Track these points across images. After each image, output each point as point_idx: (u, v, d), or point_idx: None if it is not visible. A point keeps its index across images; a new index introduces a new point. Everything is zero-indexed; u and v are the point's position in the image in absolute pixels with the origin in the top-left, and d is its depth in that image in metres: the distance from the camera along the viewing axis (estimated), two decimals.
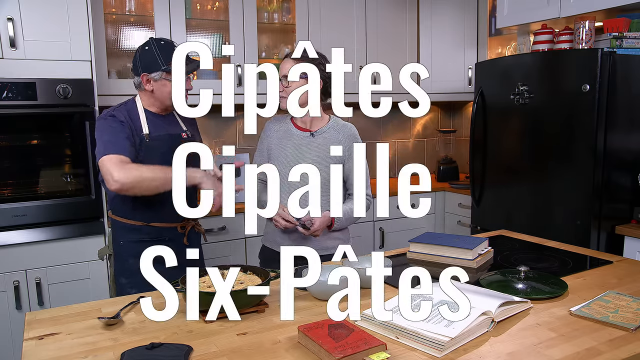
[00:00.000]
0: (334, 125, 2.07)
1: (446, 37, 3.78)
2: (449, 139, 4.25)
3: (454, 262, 1.80)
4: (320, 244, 2.00)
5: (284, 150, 2.02)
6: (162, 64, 1.81)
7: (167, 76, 1.81)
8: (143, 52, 1.84)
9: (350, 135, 2.07)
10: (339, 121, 2.11)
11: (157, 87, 1.84)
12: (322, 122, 2.07)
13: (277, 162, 2.01)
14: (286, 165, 1.98)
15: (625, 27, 2.64)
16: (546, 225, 2.72)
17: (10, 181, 2.50)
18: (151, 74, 1.83)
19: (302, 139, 2.02)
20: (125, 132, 1.79)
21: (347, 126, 2.09)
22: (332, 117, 2.10)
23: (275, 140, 2.05)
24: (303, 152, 2.00)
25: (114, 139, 1.76)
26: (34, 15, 2.46)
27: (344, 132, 2.06)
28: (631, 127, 2.59)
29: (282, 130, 2.06)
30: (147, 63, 1.83)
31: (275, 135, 2.07)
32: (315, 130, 2.04)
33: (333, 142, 2.03)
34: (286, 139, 2.03)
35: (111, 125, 1.80)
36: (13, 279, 2.47)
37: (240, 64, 3.18)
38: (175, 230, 1.92)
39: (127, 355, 1.13)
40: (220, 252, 2.93)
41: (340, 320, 1.20)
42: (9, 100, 2.39)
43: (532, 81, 2.76)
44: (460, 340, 1.17)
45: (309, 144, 2.01)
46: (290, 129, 2.05)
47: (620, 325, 1.26)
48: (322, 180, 1.98)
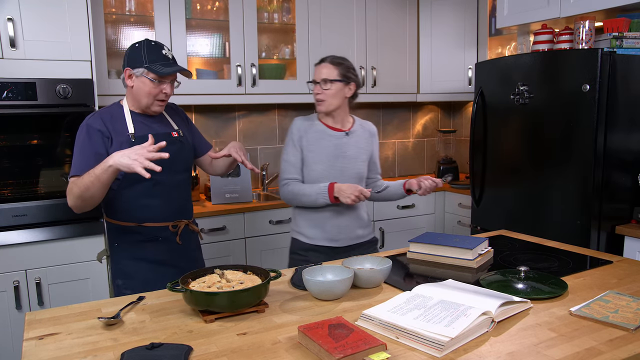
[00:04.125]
0: (359, 125, 2.28)
1: (446, 37, 3.78)
2: (449, 139, 4.25)
3: (454, 262, 1.81)
4: (351, 233, 2.22)
5: (325, 149, 2.18)
6: (145, 61, 1.80)
7: (147, 74, 1.80)
8: (132, 49, 1.85)
9: (373, 132, 2.33)
10: (361, 120, 2.32)
11: (137, 84, 1.83)
12: (350, 122, 2.27)
13: (318, 161, 2.17)
14: (328, 164, 2.17)
15: (625, 27, 2.64)
16: (546, 225, 2.72)
17: (10, 181, 2.50)
18: (134, 70, 1.82)
19: (339, 139, 2.20)
20: (94, 146, 1.78)
21: (368, 124, 2.33)
22: (354, 117, 2.30)
23: (312, 139, 2.19)
24: (343, 151, 2.19)
25: (80, 158, 1.77)
26: (34, 15, 2.46)
27: (369, 130, 2.31)
28: (631, 127, 2.59)
29: (317, 130, 2.20)
30: (132, 58, 1.83)
31: (311, 135, 2.19)
32: (347, 130, 2.23)
33: (363, 140, 2.26)
34: (324, 139, 2.19)
35: (83, 140, 1.80)
36: (13, 279, 2.47)
37: (240, 64, 3.18)
38: (167, 230, 1.91)
39: (127, 355, 1.13)
40: (220, 252, 2.93)
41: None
42: (9, 100, 2.40)
43: (532, 81, 2.76)
44: (460, 340, 1.17)
45: (346, 143, 2.21)
46: (325, 130, 2.20)
47: (620, 325, 1.26)
48: (362, 174, 2.24)
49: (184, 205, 1.98)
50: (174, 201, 1.92)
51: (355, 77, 2.17)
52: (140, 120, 1.88)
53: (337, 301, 1.48)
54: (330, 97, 2.13)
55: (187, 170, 2.01)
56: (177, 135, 1.94)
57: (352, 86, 2.16)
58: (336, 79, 2.12)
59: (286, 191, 2.18)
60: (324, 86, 2.12)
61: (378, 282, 1.58)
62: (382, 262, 1.62)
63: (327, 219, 2.18)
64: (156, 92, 1.82)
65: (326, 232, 2.19)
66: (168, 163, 1.77)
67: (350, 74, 2.15)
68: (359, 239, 2.25)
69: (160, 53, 1.82)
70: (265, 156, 3.69)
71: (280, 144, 3.74)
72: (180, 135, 1.95)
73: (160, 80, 1.81)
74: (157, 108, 1.87)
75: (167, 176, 1.85)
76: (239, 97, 3.22)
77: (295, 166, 2.19)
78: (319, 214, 2.18)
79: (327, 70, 2.13)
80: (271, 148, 3.71)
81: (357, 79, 2.18)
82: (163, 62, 1.81)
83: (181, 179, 1.96)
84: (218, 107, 3.48)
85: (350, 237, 2.22)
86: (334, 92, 2.13)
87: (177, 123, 2.00)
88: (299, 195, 2.14)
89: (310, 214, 2.20)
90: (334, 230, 2.18)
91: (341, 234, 2.19)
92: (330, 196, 2.08)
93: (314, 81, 2.16)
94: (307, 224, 2.22)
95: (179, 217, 1.94)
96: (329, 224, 2.18)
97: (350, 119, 2.27)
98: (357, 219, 2.23)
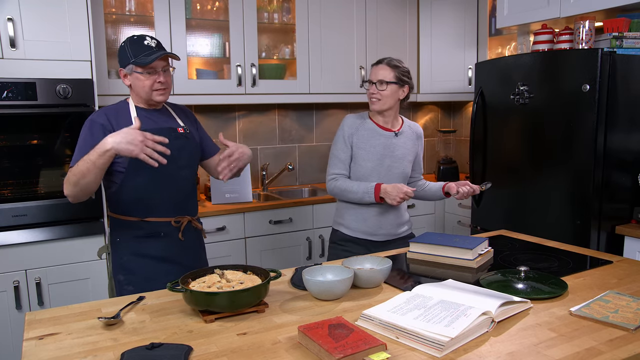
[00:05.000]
0: (408, 126, 2.37)
1: (446, 37, 3.78)
2: (449, 139, 4.25)
3: (454, 262, 1.81)
4: (391, 229, 2.31)
5: (375, 148, 2.26)
6: (130, 57, 1.81)
7: (136, 69, 1.81)
8: (119, 49, 1.87)
9: (419, 133, 2.41)
10: (409, 121, 2.41)
11: (132, 81, 1.85)
12: (399, 123, 2.36)
13: (368, 158, 2.25)
14: (377, 162, 2.25)
15: (625, 27, 2.63)
16: (546, 225, 2.72)
17: (10, 181, 2.50)
18: (125, 69, 1.84)
19: (388, 139, 2.28)
20: (95, 141, 1.76)
21: (416, 125, 2.42)
22: (403, 118, 2.39)
23: (363, 137, 2.27)
24: (391, 150, 2.28)
25: (79, 152, 1.78)
26: (34, 15, 2.46)
27: (416, 131, 2.40)
28: (631, 127, 2.59)
29: (368, 128, 2.28)
30: (121, 58, 1.85)
31: (362, 132, 2.27)
32: (397, 130, 2.31)
33: (410, 141, 2.35)
34: (375, 138, 2.27)
35: (85, 135, 1.81)
36: (13, 279, 2.47)
37: (240, 64, 3.18)
38: (170, 225, 1.90)
39: (127, 355, 1.13)
40: (220, 252, 2.93)
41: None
42: (9, 100, 2.40)
43: (532, 81, 2.76)
44: (460, 340, 1.18)
45: (395, 143, 2.29)
46: (376, 129, 2.29)
47: (620, 325, 1.26)
48: (407, 173, 2.34)
49: (187, 201, 1.97)
50: (176, 196, 1.91)
51: (410, 81, 2.26)
52: (145, 115, 1.88)
53: (337, 301, 1.48)
54: (384, 97, 2.21)
55: (191, 167, 1.99)
56: (182, 131, 1.94)
57: (405, 89, 2.25)
58: (392, 81, 2.21)
59: (333, 186, 2.27)
60: (380, 87, 2.21)
61: (378, 282, 1.58)
62: (382, 262, 1.62)
63: (370, 214, 2.27)
64: (150, 84, 1.82)
65: (368, 227, 2.28)
66: (172, 157, 1.78)
67: (405, 77, 2.24)
68: (397, 235, 2.34)
69: (143, 44, 1.82)
70: (265, 156, 3.69)
71: (280, 144, 3.74)
72: (186, 132, 1.95)
73: (150, 71, 1.81)
74: (160, 97, 1.86)
75: (171, 170, 1.85)
76: (239, 97, 3.22)
77: (344, 162, 2.28)
78: (364, 209, 2.27)
79: (384, 72, 2.21)
80: (271, 148, 3.71)
81: (411, 82, 2.27)
82: (147, 52, 1.81)
83: (185, 174, 1.95)
84: (218, 107, 3.48)
85: (389, 233, 2.31)
86: (388, 93, 2.21)
87: (184, 122, 2.00)
88: (345, 192, 2.23)
89: (355, 208, 2.29)
90: (375, 226, 2.28)
91: (382, 229, 2.29)
92: (376, 196, 2.17)
93: (370, 81, 2.24)
94: (351, 217, 2.30)
95: (182, 213, 1.93)
96: (372, 219, 2.28)
97: (399, 120, 2.36)
98: (398, 217, 2.33)
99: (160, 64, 1.83)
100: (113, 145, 1.61)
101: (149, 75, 1.81)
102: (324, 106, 3.85)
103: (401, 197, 2.12)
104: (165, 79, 1.85)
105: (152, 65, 1.80)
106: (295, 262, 3.15)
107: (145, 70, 1.80)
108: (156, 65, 1.82)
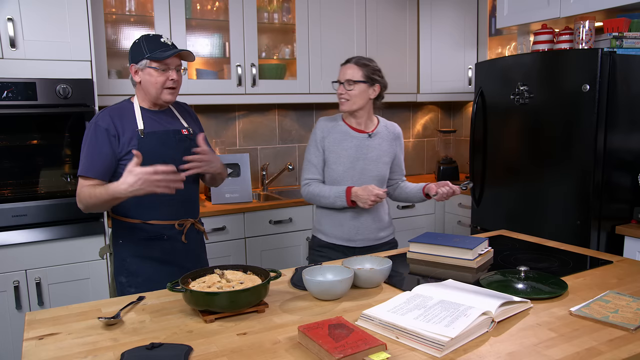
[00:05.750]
0: (383, 126, 2.28)
1: (446, 37, 3.78)
2: (449, 139, 4.25)
3: (454, 262, 1.81)
4: (369, 234, 2.22)
5: (346, 151, 2.19)
6: (146, 52, 1.81)
7: (150, 64, 1.81)
8: (133, 45, 1.86)
9: (397, 133, 2.32)
10: (386, 121, 2.33)
11: (143, 77, 1.84)
12: (374, 124, 2.27)
13: (339, 162, 2.18)
14: (349, 165, 2.18)
15: (625, 27, 2.64)
16: (546, 225, 2.72)
17: (10, 181, 2.50)
18: (137, 64, 1.83)
19: (361, 140, 2.20)
20: (100, 146, 1.79)
21: (394, 125, 2.33)
22: (379, 118, 2.31)
23: (334, 140, 2.20)
24: (364, 152, 2.20)
25: (89, 158, 1.79)
26: (34, 15, 2.46)
27: (393, 131, 2.30)
28: (631, 127, 2.59)
29: (339, 131, 2.22)
30: (134, 54, 1.85)
31: (333, 135, 2.21)
32: (370, 131, 2.23)
33: (386, 142, 2.25)
34: (346, 141, 2.20)
35: (90, 139, 1.81)
36: (13, 279, 2.47)
37: (240, 64, 3.18)
38: (173, 228, 1.90)
39: (127, 355, 1.13)
40: (220, 252, 2.93)
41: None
42: (9, 100, 2.40)
43: (532, 81, 2.76)
44: (460, 340, 1.18)
45: (368, 145, 2.21)
46: (348, 131, 2.21)
47: (620, 325, 1.26)
48: (382, 176, 2.24)
49: (190, 204, 1.97)
50: (180, 199, 1.91)
51: (381, 79, 2.18)
52: (149, 116, 1.88)
53: (337, 301, 1.48)
54: (353, 97, 2.14)
55: None
56: (186, 132, 1.93)
57: (376, 88, 2.17)
58: (360, 80, 2.13)
59: (307, 191, 2.22)
60: (348, 87, 2.14)
61: (378, 282, 1.58)
62: (382, 262, 1.62)
63: (346, 219, 2.20)
64: (163, 80, 1.82)
65: (344, 233, 2.21)
66: (176, 160, 1.77)
67: (376, 76, 2.16)
68: (377, 240, 2.25)
69: (159, 41, 1.83)
70: (265, 156, 3.69)
71: (280, 144, 3.74)
72: (190, 133, 1.94)
73: (164, 67, 1.81)
74: (169, 97, 1.86)
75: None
76: (239, 97, 3.22)
77: (316, 166, 2.22)
78: (339, 214, 2.21)
79: (351, 71, 2.14)
80: (271, 148, 3.71)
81: (383, 81, 2.19)
82: (163, 49, 1.82)
83: (189, 178, 1.92)
84: (218, 107, 3.48)
85: (368, 239, 2.22)
86: (357, 92, 2.14)
87: (187, 121, 1.99)
88: (318, 197, 2.18)
89: (330, 213, 2.23)
90: (352, 231, 2.20)
91: (359, 235, 2.21)
92: (348, 200, 2.10)
93: (339, 81, 2.17)
94: (327, 223, 2.24)
95: (185, 215, 1.94)
96: (348, 224, 2.20)
97: (374, 120, 2.28)
98: (376, 221, 2.24)
99: (174, 61, 1.84)
100: (129, 193, 1.64)
101: (163, 72, 1.82)
102: (324, 106, 3.85)
103: (373, 200, 2.03)
104: (178, 77, 1.86)
105: (167, 61, 1.81)
106: (295, 262, 3.15)
107: (160, 67, 1.81)
108: (170, 63, 1.83)
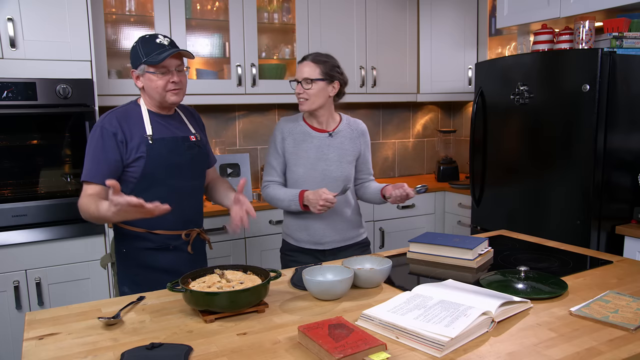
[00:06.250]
0: (346, 124, 2.20)
1: (446, 37, 3.78)
2: (449, 139, 4.25)
3: (454, 262, 1.81)
4: (337, 235, 2.15)
5: (306, 152, 2.11)
6: (142, 56, 1.73)
7: (148, 69, 1.72)
8: (131, 50, 1.79)
9: (362, 131, 2.23)
10: (349, 118, 2.24)
11: (144, 82, 1.76)
12: (336, 122, 2.18)
13: (299, 163, 2.11)
14: (309, 167, 2.10)
15: (625, 27, 2.63)
16: (546, 225, 2.72)
17: (10, 181, 2.50)
18: (137, 69, 1.76)
19: (321, 140, 2.13)
20: (107, 151, 1.72)
21: (357, 122, 2.24)
22: (342, 115, 2.23)
23: (293, 142, 2.13)
24: (325, 153, 2.12)
25: (94, 163, 1.72)
26: (34, 15, 2.46)
27: (357, 129, 2.21)
28: (631, 127, 2.59)
29: (299, 132, 2.14)
30: (133, 59, 1.77)
31: (292, 137, 2.13)
32: (332, 130, 2.15)
33: (349, 140, 2.17)
34: (306, 142, 2.12)
35: (95, 143, 1.73)
36: (13, 279, 2.47)
37: (240, 64, 3.18)
38: (179, 238, 1.85)
39: (127, 355, 1.13)
40: (220, 252, 2.93)
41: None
42: (9, 100, 2.40)
43: (532, 81, 2.76)
44: (460, 340, 1.17)
45: (329, 144, 2.13)
46: (308, 131, 2.13)
47: (620, 325, 1.26)
48: (346, 176, 2.14)
49: (196, 213, 1.92)
50: (187, 209, 1.86)
51: (340, 75, 2.08)
52: (158, 121, 1.81)
53: (337, 301, 1.48)
54: (312, 96, 2.04)
55: (202, 177, 1.94)
56: (194, 139, 1.87)
57: (335, 84, 2.07)
58: (318, 77, 2.03)
59: (265, 193, 2.14)
60: (305, 85, 2.03)
61: (378, 282, 1.58)
62: (382, 262, 1.62)
63: (312, 222, 2.13)
64: (163, 84, 1.74)
65: (311, 236, 2.13)
66: (184, 170, 1.73)
67: (334, 72, 2.06)
68: (347, 240, 2.18)
69: (155, 43, 1.74)
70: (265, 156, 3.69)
71: None
72: (198, 140, 1.88)
73: (163, 70, 1.73)
74: (174, 98, 1.78)
75: (184, 182, 1.81)
76: (239, 97, 3.22)
77: (276, 169, 2.15)
78: (304, 217, 2.13)
79: (308, 68, 2.04)
80: None
81: (342, 77, 2.09)
82: (159, 51, 1.72)
83: (196, 186, 1.90)
84: (218, 107, 3.48)
85: (337, 240, 2.15)
86: (315, 91, 2.03)
87: (194, 127, 1.93)
88: (274, 200, 2.10)
89: (297, 217, 2.15)
90: (318, 233, 2.13)
91: (326, 237, 2.13)
92: (301, 204, 2.02)
93: (296, 80, 2.07)
94: (293, 226, 2.17)
95: (191, 225, 1.88)
96: (314, 227, 2.13)
97: (336, 119, 2.18)
98: (343, 221, 2.16)
99: (173, 62, 1.75)
100: (115, 221, 1.62)
101: (162, 75, 1.73)
102: None
103: (321, 205, 1.92)
104: (180, 78, 1.77)
105: (164, 64, 1.72)
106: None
107: (158, 70, 1.72)
108: (169, 65, 1.73)
